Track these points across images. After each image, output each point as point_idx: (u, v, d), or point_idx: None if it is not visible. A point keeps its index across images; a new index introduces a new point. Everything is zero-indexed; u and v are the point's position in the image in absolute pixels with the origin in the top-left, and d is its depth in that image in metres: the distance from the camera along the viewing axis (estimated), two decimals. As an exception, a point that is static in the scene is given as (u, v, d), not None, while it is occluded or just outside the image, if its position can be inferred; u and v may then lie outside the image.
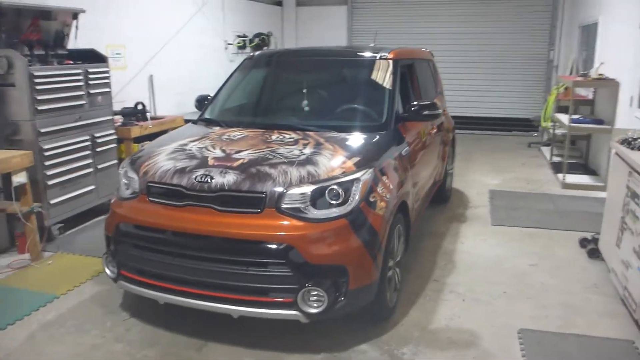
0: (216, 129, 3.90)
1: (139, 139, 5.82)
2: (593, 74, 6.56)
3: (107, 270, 3.32)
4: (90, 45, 5.41)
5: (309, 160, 3.13)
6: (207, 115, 4.25)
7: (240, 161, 3.13)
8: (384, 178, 3.25)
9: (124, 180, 3.39)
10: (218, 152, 3.29)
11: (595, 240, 4.45)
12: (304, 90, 4.29)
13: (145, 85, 6.92)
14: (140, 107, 5.85)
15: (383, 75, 4.07)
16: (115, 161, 5.57)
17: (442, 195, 5.77)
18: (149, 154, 3.45)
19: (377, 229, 3.04)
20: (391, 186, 3.29)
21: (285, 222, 2.87)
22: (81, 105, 5.06)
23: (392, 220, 3.24)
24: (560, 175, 6.78)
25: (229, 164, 3.10)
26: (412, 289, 3.86)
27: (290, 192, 2.92)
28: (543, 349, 3.10)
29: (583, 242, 4.61)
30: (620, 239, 3.66)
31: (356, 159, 3.21)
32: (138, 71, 6.73)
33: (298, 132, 3.63)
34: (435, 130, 4.91)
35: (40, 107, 4.56)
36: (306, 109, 4.17)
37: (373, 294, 3.08)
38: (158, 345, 3.15)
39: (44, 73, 4.58)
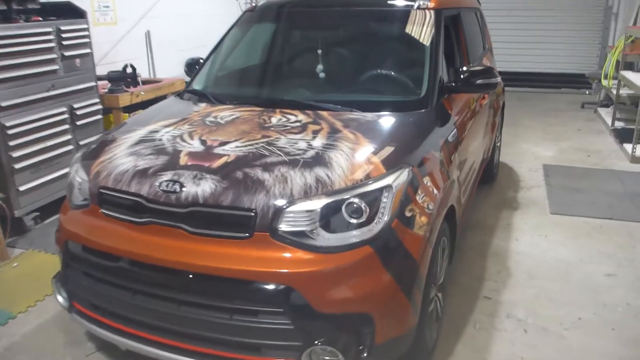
0: (202, 105, 3.00)
1: (130, 108, 4.97)
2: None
3: (59, 297, 2.54)
4: (70, -3, 4.51)
5: (319, 159, 2.21)
6: (195, 86, 3.34)
7: (224, 159, 2.23)
8: (426, 180, 2.33)
9: (77, 180, 2.54)
10: (196, 144, 2.39)
11: (691, 242, 3.49)
12: (319, 53, 3.32)
13: (141, 43, 6.01)
14: (129, 69, 4.96)
15: (422, 31, 3.07)
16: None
17: (488, 174, 4.80)
18: (109, 145, 2.58)
19: (416, 255, 2.15)
20: (435, 191, 2.37)
21: (284, 253, 1.99)
22: (54, 71, 4.20)
23: (437, 237, 2.35)
24: (627, 146, 5.70)
25: (207, 164, 2.21)
26: (458, 311, 3.00)
27: (291, 208, 2.03)
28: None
29: (673, 242, 3.65)
30: None
31: (385, 154, 2.28)
32: (131, 27, 5.81)
33: (308, 111, 2.71)
34: (485, 100, 3.90)
35: (-2, 76, 3.73)
36: (321, 74, 3.22)
37: (408, 345, 2.23)
38: (122, 400, 2.40)
39: (-1, 33, 3.73)
